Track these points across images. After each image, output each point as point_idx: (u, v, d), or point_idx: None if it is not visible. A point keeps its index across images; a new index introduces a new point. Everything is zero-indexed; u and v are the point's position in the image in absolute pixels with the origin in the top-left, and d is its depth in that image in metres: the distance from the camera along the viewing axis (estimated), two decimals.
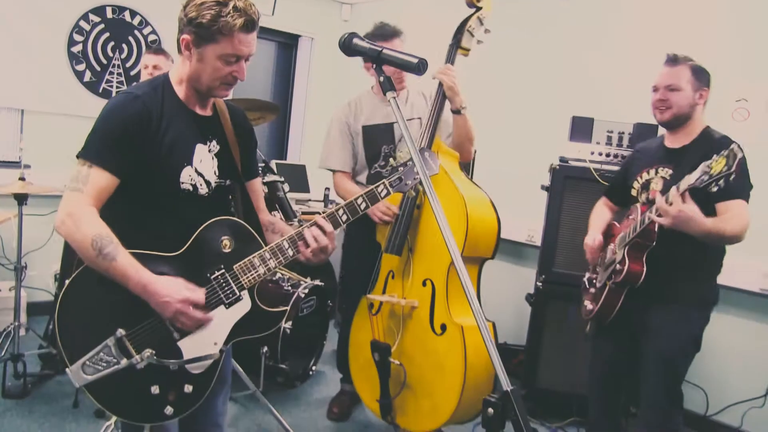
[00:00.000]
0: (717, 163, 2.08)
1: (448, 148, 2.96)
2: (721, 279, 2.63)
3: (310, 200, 5.29)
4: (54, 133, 4.53)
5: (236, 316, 1.82)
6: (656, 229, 2.41)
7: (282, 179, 3.77)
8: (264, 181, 3.70)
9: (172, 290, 1.68)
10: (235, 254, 1.80)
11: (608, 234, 2.79)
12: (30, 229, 3.74)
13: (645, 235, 2.45)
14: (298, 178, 5.11)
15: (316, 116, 5.88)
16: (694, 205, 2.24)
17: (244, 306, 1.83)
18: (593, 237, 2.76)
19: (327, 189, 5.37)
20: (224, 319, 1.80)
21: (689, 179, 2.18)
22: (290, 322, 3.43)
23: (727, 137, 2.52)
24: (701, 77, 2.55)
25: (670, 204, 2.25)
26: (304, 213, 4.29)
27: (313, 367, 3.89)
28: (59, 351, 1.72)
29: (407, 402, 2.82)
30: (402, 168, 1.89)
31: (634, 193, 2.71)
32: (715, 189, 2.12)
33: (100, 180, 1.68)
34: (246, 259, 1.80)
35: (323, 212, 1.89)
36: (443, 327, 2.69)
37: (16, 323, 3.50)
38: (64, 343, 1.70)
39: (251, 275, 1.80)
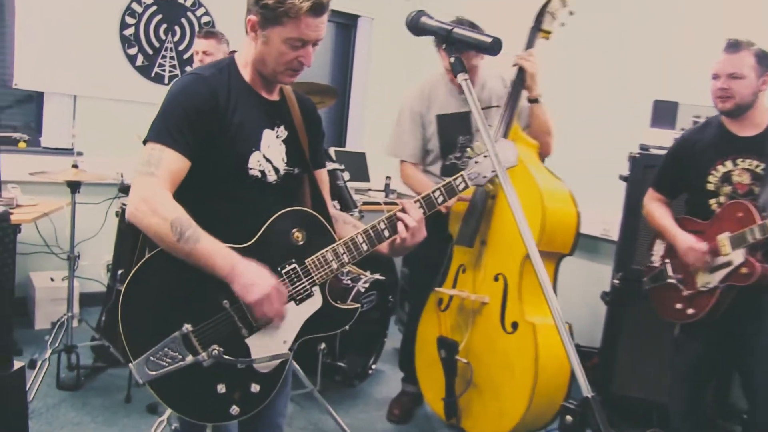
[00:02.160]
0: None
1: (527, 137, 2.94)
2: None
3: (370, 190, 5.29)
4: (106, 119, 4.67)
5: (307, 313, 1.84)
6: None
7: (342, 167, 3.78)
8: None
9: (263, 275, 1.68)
10: (306, 248, 1.81)
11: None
12: (83, 217, 3.85)
13: None
14: (357, 166, 5.12)
15: (377, 101, 5.88)
16: None
17: (315, 303, 1.84)
18: (690, 239, 2.66)
19: (388, 178, 5.37)
20: (294, 317, 1.81)
21: None
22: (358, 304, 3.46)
23: None
24: (765, 62, 2.56)
25: None
26: (364, 203, 4.29)
27: (373, 366, 3.91)
28: (122, 345, 1.74)
29: (473, 404, 2.82)
30: (480, 160, 1.89)
31: (711, 187, 2.67)
32: None
33: (173, 162, 1.69)
34: (319, 254, 1.81)
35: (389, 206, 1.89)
36: (514, 325, 2.69)
37: (70, 314, 3.61)
38: (127, 337, 1.71)
39: (324, 271, 1.81)
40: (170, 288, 1.74)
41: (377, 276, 3.75)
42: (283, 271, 1.80)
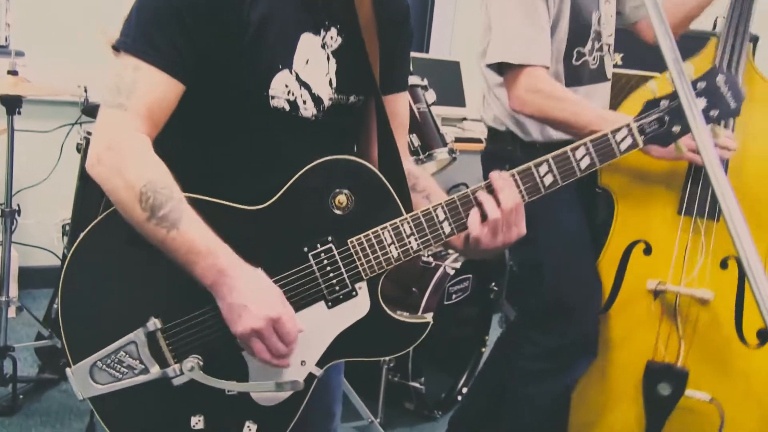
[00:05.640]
0: None
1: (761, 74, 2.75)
2: None
3: (465, 119, 5.23)
4: (59, 2, 4.67)
5: (343, 322, 1.80)
6: None
7: (424, 83, 3.73)
8: None
9: (264, 296, 1.64)
10: (353, 220, 1.77)
11: None
12: (25, 153, 3.85)
13: None
14: (447, 82, 5.11)
15: None
16: None
17: (358, 307, 1.81)
18: None
19: None
20: (322, 326, 1.79)
21: None
22: (429, 315, 3.45)
23: None
24: None
25: None
26: (457, 139, 4.23)
27: (464, 390, 3.93)
28: (62, 343, 1.75)
29: None
30: (666, 103, 1.78)
31: None
32: None
33: (155, 86, 1.66)
34: (371, 231, 1.76)
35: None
36: (763, 335, 2.67)
37: (3, 299, 3.63)
38: (67, 331, 1.72)
39: (376, 259, 1.77)
40: (134, 265, 1.74)
41: None
42: (311, 254, 1.76)
